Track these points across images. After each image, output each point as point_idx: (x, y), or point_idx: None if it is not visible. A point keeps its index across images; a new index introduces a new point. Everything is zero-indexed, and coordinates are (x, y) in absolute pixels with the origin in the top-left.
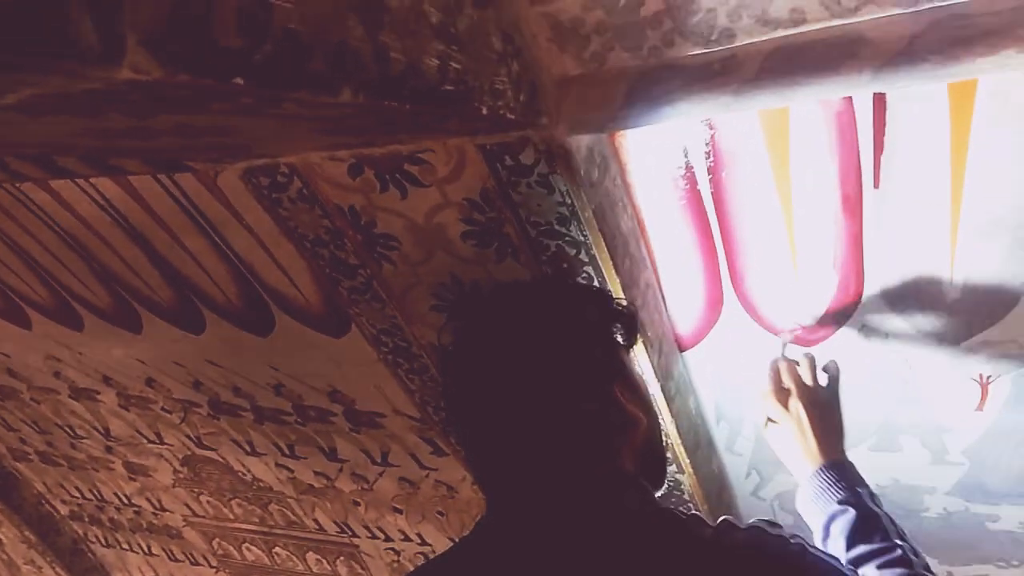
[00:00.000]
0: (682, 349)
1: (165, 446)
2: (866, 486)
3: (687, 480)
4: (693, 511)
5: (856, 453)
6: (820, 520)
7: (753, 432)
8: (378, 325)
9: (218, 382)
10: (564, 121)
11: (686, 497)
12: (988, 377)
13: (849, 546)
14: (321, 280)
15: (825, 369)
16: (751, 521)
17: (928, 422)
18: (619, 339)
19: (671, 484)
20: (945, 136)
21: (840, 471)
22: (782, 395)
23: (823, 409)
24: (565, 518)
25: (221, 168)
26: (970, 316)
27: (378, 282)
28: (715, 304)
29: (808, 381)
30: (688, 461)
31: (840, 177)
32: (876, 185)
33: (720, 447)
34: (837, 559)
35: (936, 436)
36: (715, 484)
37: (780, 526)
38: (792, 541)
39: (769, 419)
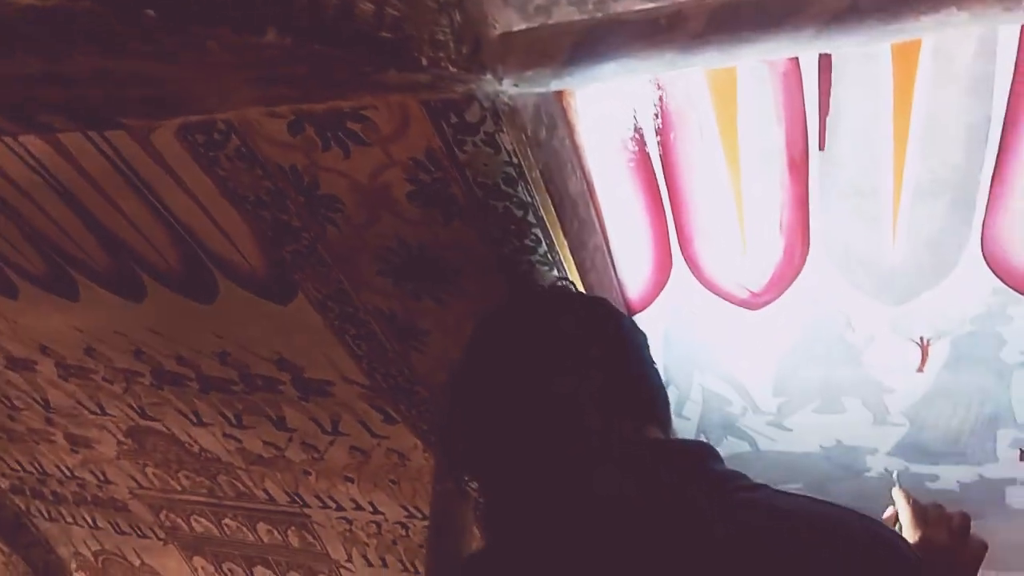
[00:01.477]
0: (631, 312)
1: (108, 417)
2: None
3: None
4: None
5: (801, 415)
6: None
7: (701, 396)
8: (324, 290)
9: (161, 351)
10: (509, 77)
11: None
12: (928, 339)
13: None
14: (264, 244)
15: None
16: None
17: (870, 383)
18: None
19: None
20: (888, 97)
21: None
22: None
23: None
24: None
25: (154, 125)
26: (912, 278)
27: (322, 245)
28: (663, 267)
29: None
30: None
31: (786, 139)
32: (822, 147)
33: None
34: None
35: (877, 397)
36: None
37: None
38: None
39: None
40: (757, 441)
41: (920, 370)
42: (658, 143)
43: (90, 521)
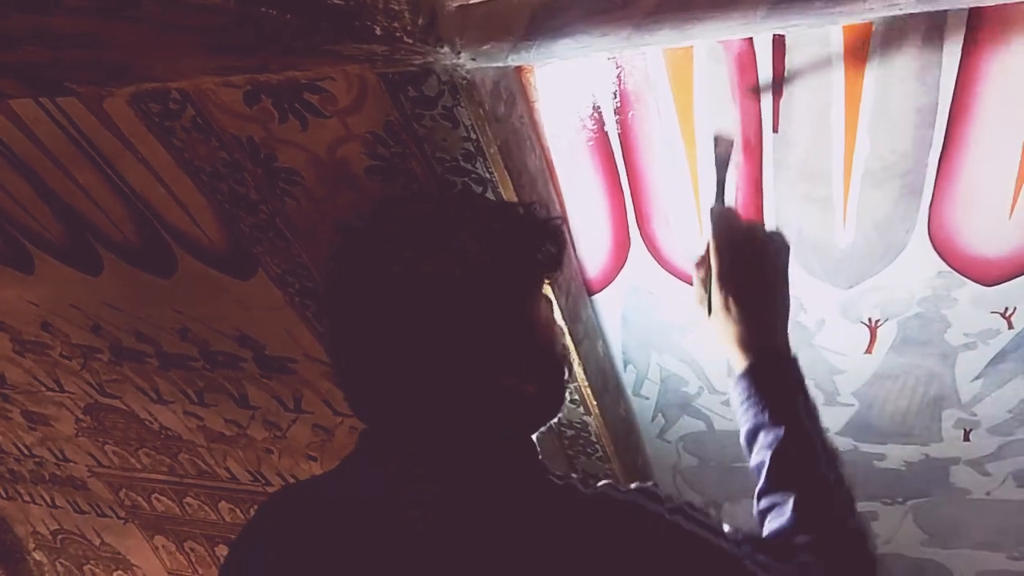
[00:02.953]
0: (590, 292)
1: (66, 394)
2: (805, 393)
3: (594, 422)
4: (571, 479)
5: None
6: (746, 427)
7: (659, 376)
8: (283, 265)
9: (119, 326)
10: (467, 51)
11: (593, 439)
12: (876, 321)
13: (771, 468)
14: (222, 217)
15: (774, 238)
16: (632, 488)
17: (821, 364)
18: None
19: (578, 426)
20: (840, 81)
21: (774, 373)
22: (720, 268)
23: (764, 290)
24: (467, 470)
25: (105, 92)
26: (861, 261)
27: (281, 219)
28: (622, 247)
29: (747, 256)
30: (595, 403)
31: (741, 120)
32: (775, 129)
33: (627, 391)
34: (720, 535)
35: (828, 378)
36: (622, 427)
37: (661, 500)
38: (669, 521)
39: (702, 300)
40: (713, 420)
41: (869, 352)
42: (616, 123)
43: (48, 500)
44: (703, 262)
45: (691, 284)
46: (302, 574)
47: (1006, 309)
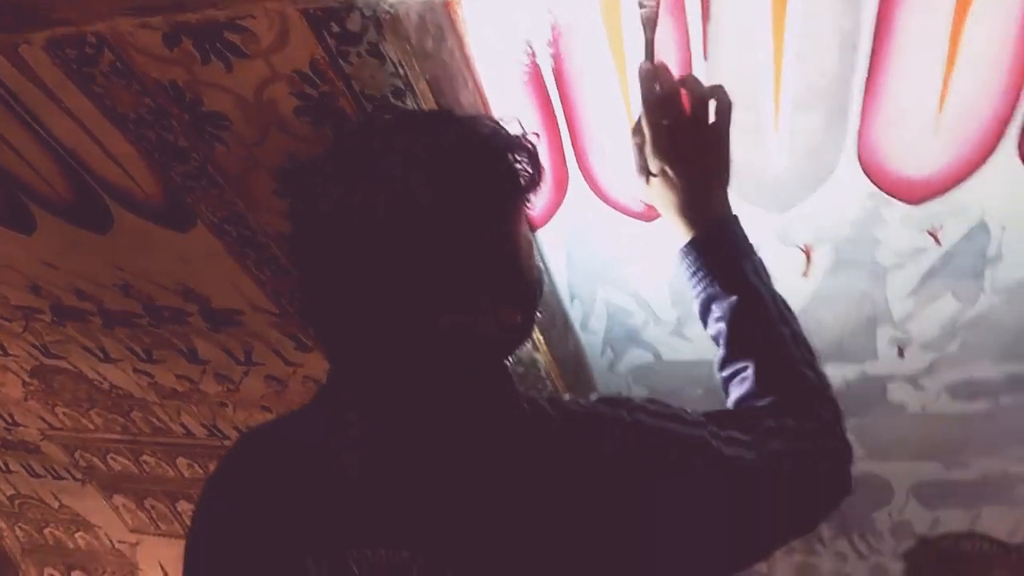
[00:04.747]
0: (532, 229)
1: (10, 357)
2: (752, 254)
3: (543, 359)
4: (537, 399)
5: (700, 326)
6: (698, 299)
7: (606, 311)
8: (219, 214)
9: (58, 285)
10: None
11: (543, 375)
12: (811, 245)
13: (729, 337)
14: (154, 168)
15: (711, 96)
16: (593, 399)
17: None
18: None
19: (527, 363)
20: (766, 3)
21: (720, 239)
22: (655, 133)
23: (703, 154)
24: (401, 408)
25: (20, 39)
26: (793, 186)
27: (212, 166)
28: (560, 182)
29: (684, 113)
30: (543, 340)
31: (671, 48)
32: (705, 56)
33: (575, 326)
34: (681, 419)
35: None
36: (571, 362)
37: (621, 403)
38: (630, 420)
39: (643, 171)
40: (660, 351)
41: (805, 275)
42: (550, 56)
43: (2, 465)
44: (638, 128)
45: (629, 216)
46: (256, 528)
47: (933, 227)
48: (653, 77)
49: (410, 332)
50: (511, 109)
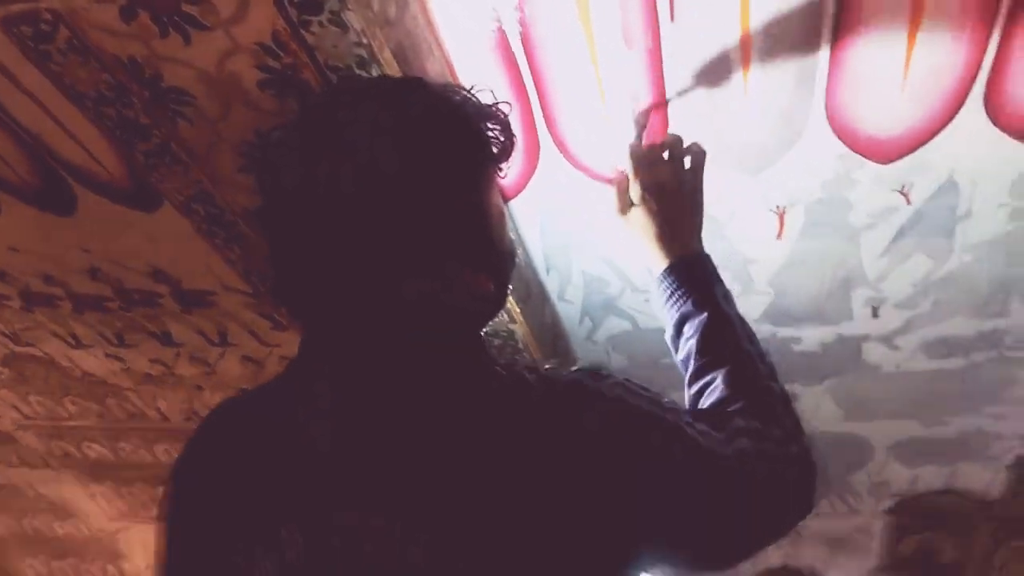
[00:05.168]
0: (504, 200)
1: None
2: (721, 283)
3: (520, 330)
4: (516, 367)
5: None
6: (671, 321)
7: (582, 280)
8: (185, 192)
9: (25, 271)
10: None
11: (520, 347)
12: (783, 207)
13: (699, 351)
14: (117, 147)
15: (688, 151)
16: (573, 372)
17: (735, 256)
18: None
19: (504, 335)
20: None
21: (692, 268)
22: (638, 178)
23: (679, 196)
24: (379, 376)
25: None
26: (764, 148)
27: (176, 143)
28: (532, 151)
29: (665, 164)
30: (519, 311)
31: (638, 12)
32: (672, 18)
33: (552, 296)
34: (661, 404)
35: (743, 268)
36: (549, 332)
37: (602, 376)
38: (611, 395)
39: (623, 208)
40: (637, 319)
41: (779, 238)
42: (516, 21)
43: None
44: (622, 176)
45: (604, 182)
46: (228, 501)
47: (903, 186)
48: (640, 151)
49: (377, 300)
50: (479, 77)
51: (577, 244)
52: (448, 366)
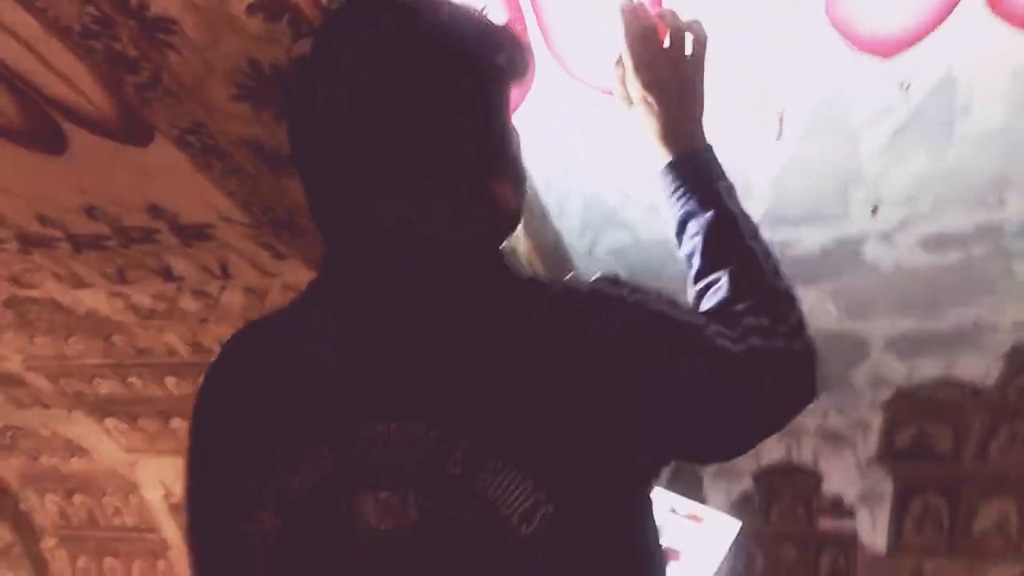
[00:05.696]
0: None
1: None
2: (725, 178)
3: (523, 248)
4: (538, 278)
5: None
6: (675, 219)
7: (582, 194)
8: (180, 124)
9: (20, 213)
10: None
11: (523, 262)
12: (784, 108)
13: (704, 250)
14: (105, 81)
15: (688, 30)
16: (593, 280)
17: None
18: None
19: (507, 253)
20: None
21: (696, 163)
22: (638, 75)
23: (681, 91)
24: (407, 286)
25: None
26: (764, 51)
27: (167, 75)
28: None
29: (665, 59)
30: (522, 229)
31: None
32: None
33: (552, 212)
34: (678, 307)
35: (743, 170)
36: (551, 248)
37: (621, 284)
38: (631, 299)
39: (624, 98)
40: (638, 230)
41: (778, 139)
42: None
43: None
44: (619, 60)
45: (603, 94)
46: (255, 421)
47: (903, 83)
48: (634, 15)
49: (395, 215)
50: None
51: (576, 158)
52: (473, 279)
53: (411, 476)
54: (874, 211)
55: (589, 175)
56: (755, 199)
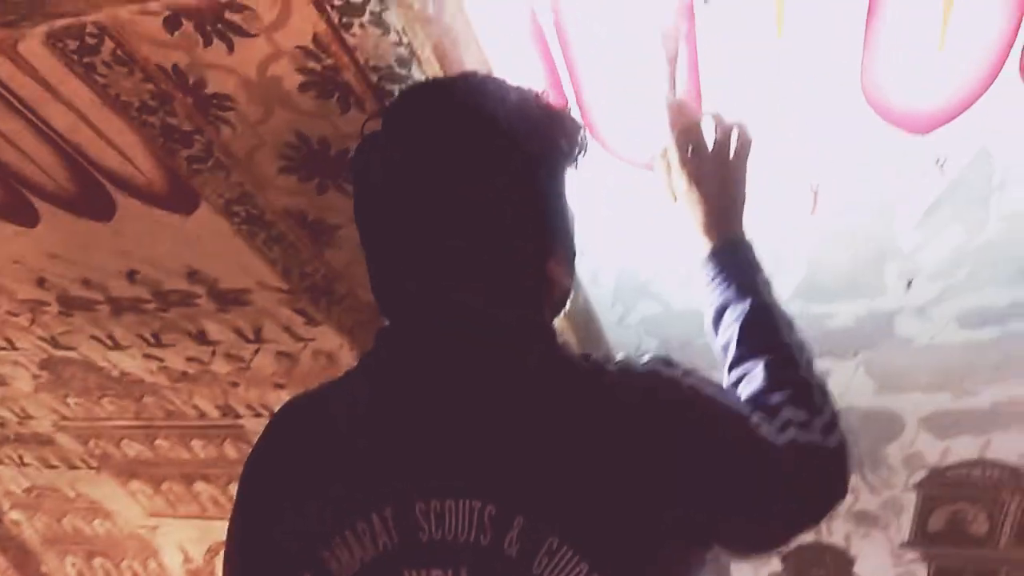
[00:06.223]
0: None
1: (19, 351)
2: (762, 271)
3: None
4: (593, 357)
5: None
6: (713, 307)
7: (615, 265)
8: (226, 195)
9: (65, 276)
10: None
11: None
12: (818, 182)
13: (740, 339)
14: (157, 152)
15: (734, 138)
16: (648, 360)
17: (770, 230)
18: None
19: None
20: None
21: (736, 254)
22: (684, 168)
23: (724, 178)
24: (462, 362)
25: (18, 34)
26: (800, 121)
27: (218, 147)
28: None
29: (710, 156)
30: None
31: None
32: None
33: (585, 281)
34: (728, 394)
35: (777, 243)
36: (582, 317)
37: (674, 364)
38: (685, 383)
39: (668, 189)
40: (670, 302)
41: (812, 214)
42: (551, 12)
43: (16, 459)
44: (665, 152)
45: (635, 167)
46: (306, 499)
47: (938, 159)
48: (679, 110)
49: (467, 293)
50: (515, 69)
51: (610, 229)
52: (531, 358)
53: (466, 555)
54: (909, 285)
55: (623, 245)
56: (789, 273)
